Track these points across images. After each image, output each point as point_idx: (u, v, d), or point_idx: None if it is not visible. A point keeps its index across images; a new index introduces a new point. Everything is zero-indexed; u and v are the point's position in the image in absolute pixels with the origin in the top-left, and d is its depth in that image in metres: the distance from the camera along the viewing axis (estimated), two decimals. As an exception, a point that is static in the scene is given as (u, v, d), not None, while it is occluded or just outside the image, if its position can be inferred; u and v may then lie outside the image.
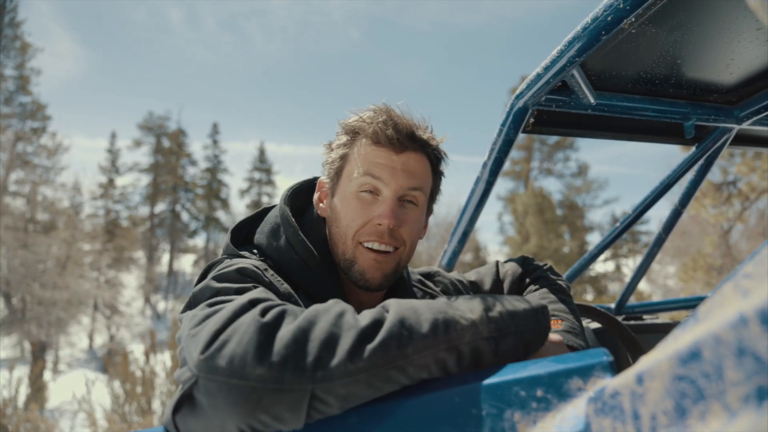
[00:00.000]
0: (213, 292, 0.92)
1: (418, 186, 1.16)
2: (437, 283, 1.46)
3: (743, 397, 0.39)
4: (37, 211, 28.15)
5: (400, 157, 1.13)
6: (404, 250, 1.17)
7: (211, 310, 0.84)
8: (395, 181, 1.12)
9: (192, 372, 0.73)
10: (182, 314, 0.96)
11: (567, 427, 0.66)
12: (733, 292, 0.44)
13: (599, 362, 0.73)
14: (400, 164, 1.13)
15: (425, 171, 1.19)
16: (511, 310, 0.89)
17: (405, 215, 1.15)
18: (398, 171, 1.12)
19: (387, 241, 1.12)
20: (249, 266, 1.00)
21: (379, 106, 1.17)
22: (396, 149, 1.13)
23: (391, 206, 1.12)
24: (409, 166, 1.14)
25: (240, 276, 0.97)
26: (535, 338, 0.91)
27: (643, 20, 1.22)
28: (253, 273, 1.00)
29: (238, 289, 0.92)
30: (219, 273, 0.98)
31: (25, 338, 22.54)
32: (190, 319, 0.85)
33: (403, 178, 1.13)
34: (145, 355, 9.02)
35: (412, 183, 1.14)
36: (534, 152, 36.14)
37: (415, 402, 0.75)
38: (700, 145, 1.99)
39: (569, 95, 1.55)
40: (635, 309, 2.89)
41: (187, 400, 0.75)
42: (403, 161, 1.13)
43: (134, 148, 40.80)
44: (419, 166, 1.16)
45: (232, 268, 0.99)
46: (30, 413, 8.27)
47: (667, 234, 2.48)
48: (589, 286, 29.59)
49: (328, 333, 0.74)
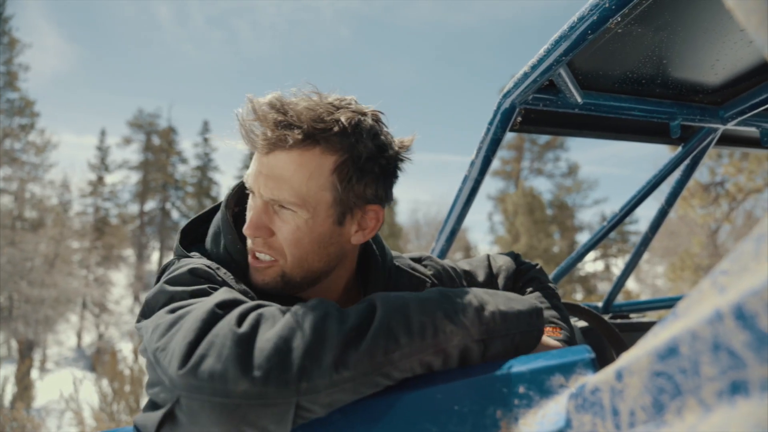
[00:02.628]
0: (167, 298, 0.88)
1: (285, 191, 0.96)
2: (428, 267, 1.36)
3: (717, 392, 0.40)
4: (25, 208, 27.87)
5: (268, 159, 0.96)
6: (285, 262, 1.01)
7: (173, 316, 0.79)
8: (257, 188, 0.98)
9: (171, 391, 0.70)
10: (139, 324, 0.91)
11: (548, 424, 0.66)
12: (710, 288, 0.44)
13: (581, 359, 0.73)
14: (266, 167, 0.97)
15: (301, 170, 0.95)
16: (504, 311, 0.86)
17: (279, 223, 0.99)
18: (262, 175, 0.97)
19: (260, 250, 1.01)
20: (200, 266, 0.95)
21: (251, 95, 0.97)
22: (262, 150, 0.96)
23: (252, 215, 0.99)
24: (275, 170, 0.96)
25: (193, 277, 0.92)
26: (526, 341, 0.87)
27: (629, 20, 1.22)
28: (206, 273, 0.94)
29: (192, 291, 0.87)
30: (171, 276, 0.93)
31: (12, 336, 22.35)
32: (153, 329, 0.80)
33: (263, 183, 0.97)
34: (133, 353, 8.99)
35: (274, 189, 0.96)
36: (524, 152, 36.27)
37: (398, 399, 0.75)
38: (686, 145, 2.00)
39: (556, 94, 1.55)
40: (622, 308, 2.91)
41: (169, 418, 0.72)
42: (270, 163, 0.96)
43: (124, 145, 40.42)
44: (291, 166, 0.95)
45: (183, 269, 0.94)
46: (16, 412, 8.21)
47: (654, 233, 2.50)
48: (579, 286, 29.76)
49: (311, 340, 0.71)
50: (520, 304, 0.90)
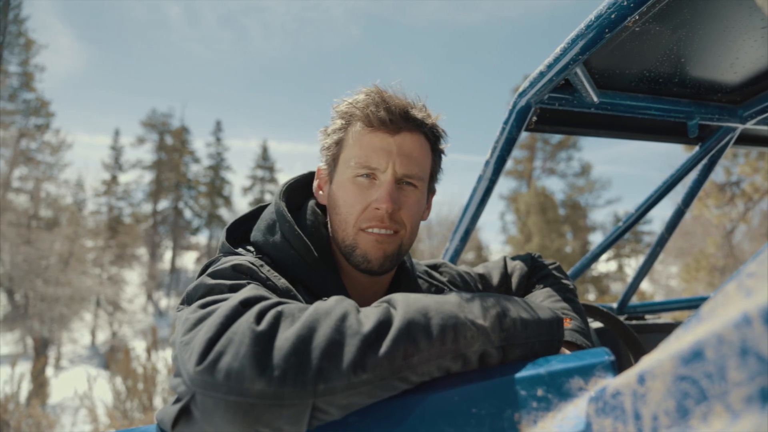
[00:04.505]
0: (206, 290, 0.89)
1: (416, 167, 1.13)
2: (443, 274, 1.43)
3: (746, 398, 0.39)
4: (40, 207, 28.24)
5: (396, 139, 1.11)
6: (405, 233, 1.15)
7: (203, 312, 0.80)
8: (391, 164, 1.10)
9: (188, 386, 0.70)
10: (178, 313, 0.94)
11: (568, 427, 0.65)
12: (736, 291, 0.43)
13: (600, 362, 0.72)
14: (395, 146, 1.11)
15: (423, 151, 1.16)
16: (525, 319, 0.85)
17: (404, 198, 1.13)
18: (394, 154, 1.10)
19: (387, 225, 1.11)
20: (244, 263, 0.98)
21: (370, 88, 1.15)
22: (390, 131, 1.11)
23: (388, 190, 1.09)
24: (405, 148, 1.12)
25: (235, 273, 0.95)
26: (545, 350, 0.87)
27: (647, 18, 1.21)
28: (249, 269, 0.97)
29: (231, 285, 0.88)
30: (214, 270, 0.96)
31: (28, 334, 22.64)
32: (183, 322, 0.82)
33: (399, 161, 1.11)
34: (146, 351, 9.05)
35: (408, 165, 1.12)
36: (537, 152, 36.06)
37: (415, 401, 0.74)
38: (703, 145, 1.98)
39: (572, 93, 1.54)
40: (637, 309, 2.88)
41: (185, 414, 0.72)
42: (398, 143, 1.11)
43: (137, 145, 40.81)
44: (416, 146, 1.14)
45: (227, 264, 0.96)
46: (32, 409, 8.31)
47: (670, 234, 2.47)
48: (592, 286, 29.54)
49: (330, 340, 0.70)
50: (541, 313, 0.90)
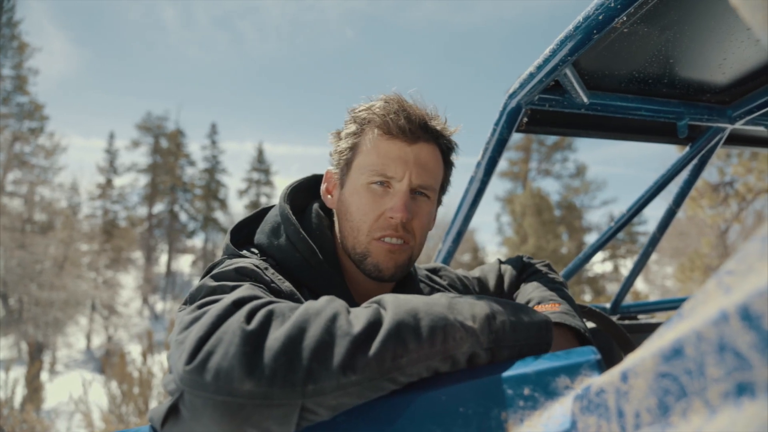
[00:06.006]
0: (208, 291, 0.89)
1: (430, 178, 1.14)
2: (443, 278, 1.43)
3: (723, 394, 0.39)
4: (34, 211, 28.12)
5: (413, 149, 1.11)
6: (415, 243, 1.15)
7: (199, 312, 0.80)
8: (407, 173, 1.10)
9: (177, 385, 0.69)
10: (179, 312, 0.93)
11: (554, 426, 0.66)
12: (715, 288, 0.43)
13: (587, 360, 0.73)
14: (412, 156, 1.10)
15: (437, 162, 1.16)
16: (514, 321, 0.85)
17: (417, 208, 1.13)
18: (411, 163, 1.10)
19: (400, 234, 1.11)
20: (248, 265, 0.98)
21: (390, 95, 1.14)
22: (408, 140, 1.11)
23: (403, 200, 1.09)
24: (421, 159, 1.12)
25: (238, 275, 0.95)
26: (534, 353, 0.86)
27: (635, 19, 1.22)
28: (252, 272, 0.97)
29: (233, 287, 0.88)
30: (217, 272, 0.95)
31: (22, 339, 22.49)
32: (179, 322, 0.82)
33: (415, 171, 1.10)
34: (142, 355, 9.01)
35: (424, 175, 1.12)
36: (532, 153, 36.18)
37: (403, 401, 0.75)
38: (693, 145, 1.99)
39: (562, 95, 1.55)
40: (631, 309, 2.88)
41: (174, 412, 0.72)
42: (415, 153, 1.11)
43: (132, 148, 40.70)
44: (431, 157, 1.14)
45: (230, 267, 0.96)
46: (26, 414, 8.26)
47: (662, 233, 2.48)
48: (587, 287, 29.60)
49: (319, 341, 0.69)
50: (531, 316, 0.89)
